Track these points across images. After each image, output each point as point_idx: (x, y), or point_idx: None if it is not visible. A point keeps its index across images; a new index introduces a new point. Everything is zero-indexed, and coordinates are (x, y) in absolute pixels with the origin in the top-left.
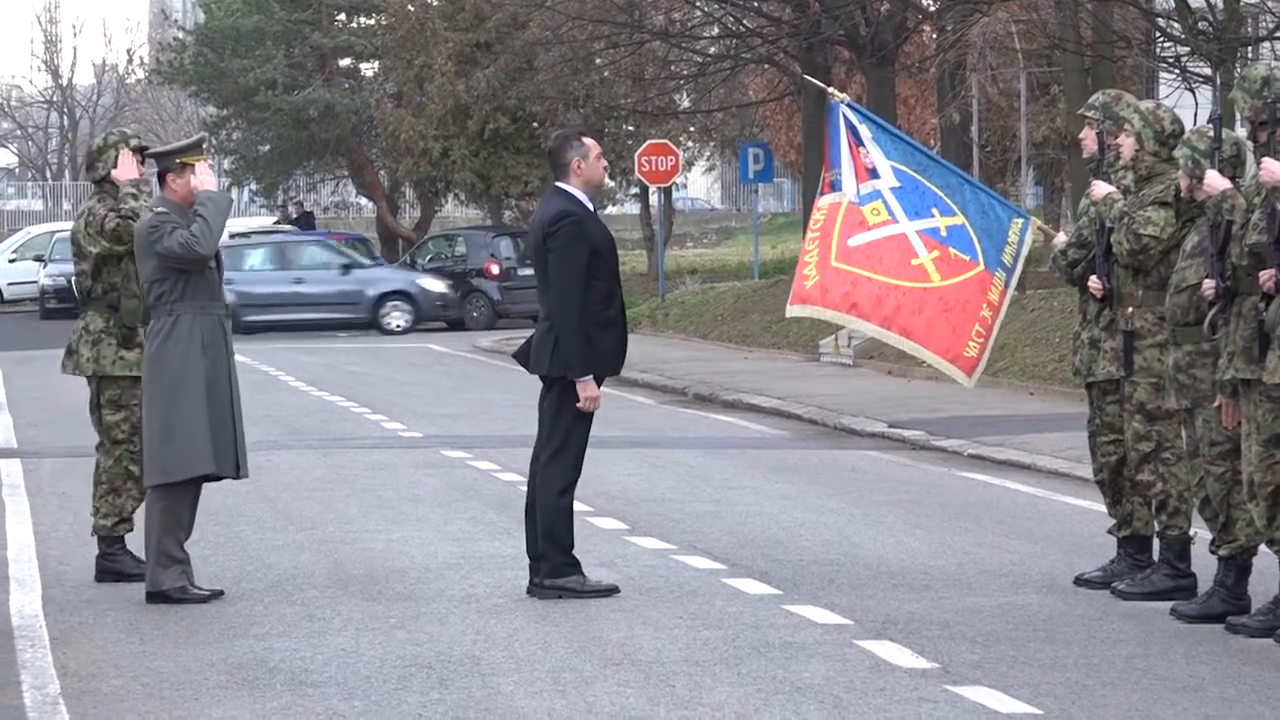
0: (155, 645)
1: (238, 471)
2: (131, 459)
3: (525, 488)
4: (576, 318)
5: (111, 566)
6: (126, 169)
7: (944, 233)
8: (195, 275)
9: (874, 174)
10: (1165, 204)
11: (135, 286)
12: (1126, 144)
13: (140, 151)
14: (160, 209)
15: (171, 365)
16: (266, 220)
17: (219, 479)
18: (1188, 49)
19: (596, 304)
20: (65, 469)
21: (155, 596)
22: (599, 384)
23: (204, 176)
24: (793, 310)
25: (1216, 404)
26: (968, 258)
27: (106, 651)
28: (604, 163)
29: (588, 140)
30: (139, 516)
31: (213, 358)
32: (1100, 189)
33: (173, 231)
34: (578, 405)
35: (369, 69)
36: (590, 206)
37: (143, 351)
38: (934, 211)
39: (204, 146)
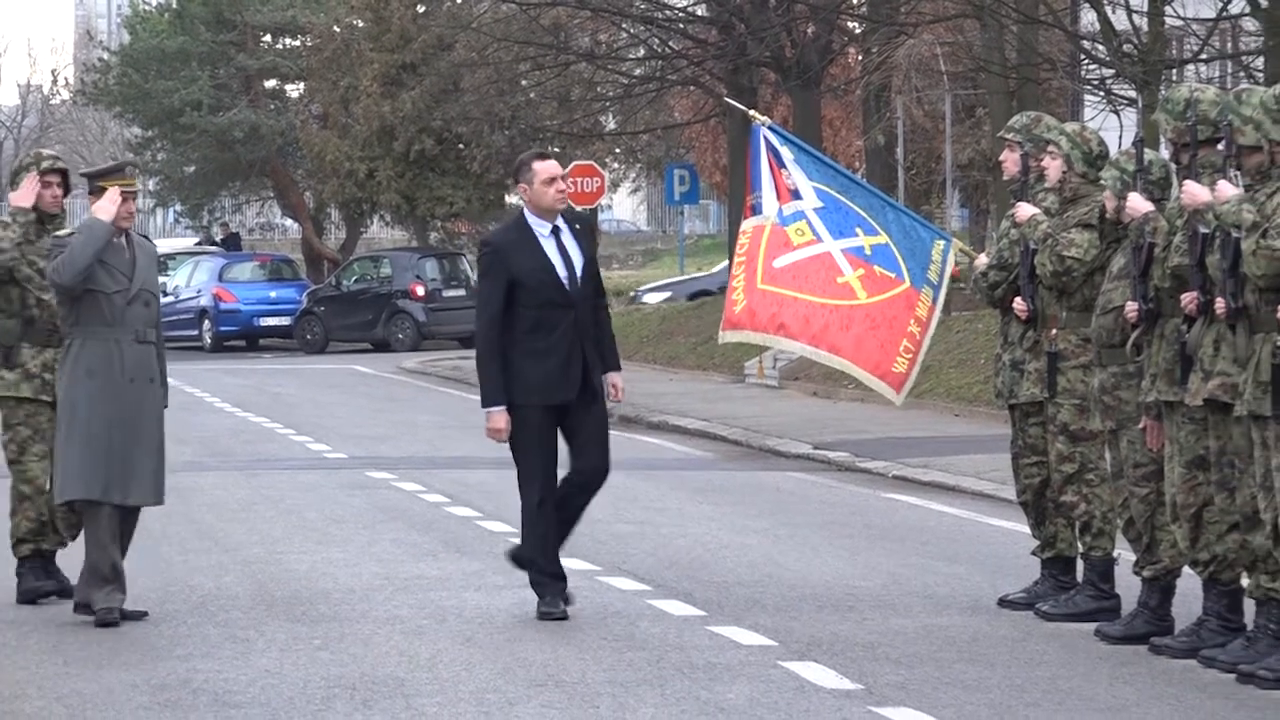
0: (78, 666)
1: (126, 497)
2: (22, 479)
3: (451, 509)
4: (484, 348)
5: (20, 586)
6: (21, 194)
7: (868, 251)
8: (87, 300)
9: (796, 195)
10: (1089, 226)
11: (14, 306)
12: (1053, 166)
13: (60, 173)
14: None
15: (60, 391)
16: (189, 241)
17: (107, 505)
18: (1112, 71)
19: (525, 333)
20: None
21: (80, 607)
22: (548, 413)
23: (101, 203)
24: (725, 336)
25: (1141, 425)
26: (893, 275)
27: (29, 673)
28: (557, 186)
29: (538, 164)
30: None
31: (102, 382)
32: (1025, 211)
33: (53, 259)
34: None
35: (294, 90)
36: (539, 230)
37: (22, 371)
38: (858, 230)
39: (127, 172)
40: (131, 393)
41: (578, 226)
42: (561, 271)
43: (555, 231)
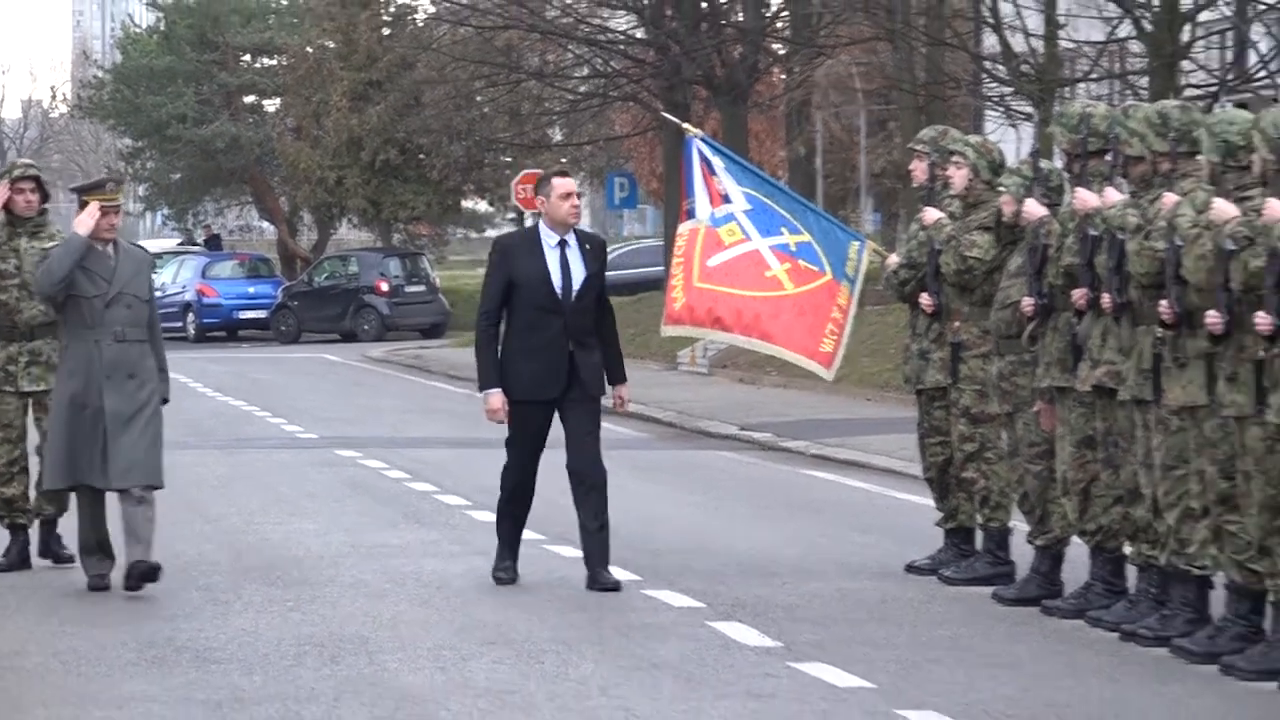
0: (73, 626)
1: (105, 482)
2: None
3: (411, 484)
4: (479, 338)
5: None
6: None
7: (793, 248)
8: (70, 304)
9: (727, 199)
10: (988, 229)
11: None
12: (959, 174)
13: (33, 180)
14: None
15: (52, 388)
16: (174, 242)
17: (84, 489)
18: (1011, 89)
19: (521, 331)
20: None
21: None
22: (536, 407)
23: (81, 217)
24: (666, 330)
25: (1035, 409)
26: (816, 268)
27: (30, 632)
28: (572, 202)
29: (557, 180)
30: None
31: (82, 381)
32: (931, 215)
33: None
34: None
35: (271, 105)
36: (547, 240)
37: None
38: (783, 230)
39: (107, 188)
40: (110, 388)
41: (588, 246)
42: (557, 280)
43: (562, 244)
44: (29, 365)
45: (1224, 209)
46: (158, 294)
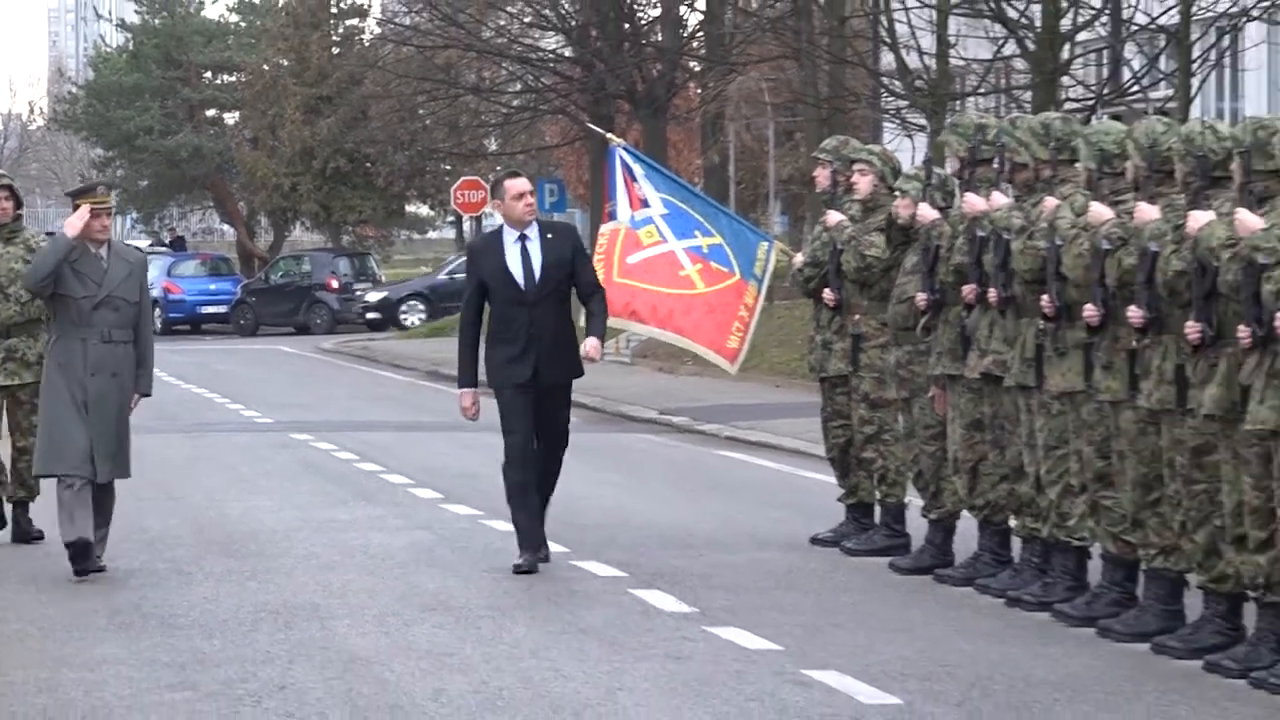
0: (49, 595)
1: (88, 473)
2: None
3: (359, 464)
4: (459, 337)
5: None
6: None
7: (706, 250)
8: (59, 303)
9: (645, 203)
10: (884, 230)
11: None
12: (864, 180)
13: (6, 189)
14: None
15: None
16: (143, 244)
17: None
18: (907, 103)
19: (496, 325)
20: None
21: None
22: (515, 390)
23: (70, 219)
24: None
25: (929, 394)
26: (726, 269)
27: (7, 601)
28: (525, 201)
29: (509, 182)
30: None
31: (67, 375)
32: (833, 217)
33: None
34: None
35: (230, 118)
36: (508, 238)
37: None
38: (697, 233)
39: (99, 191)
40: (93, 385)
41: (549, 236)
42: (518, 274)
43: (522, 239)
44: (5, 361)
45: (1100, 212)
46: None
